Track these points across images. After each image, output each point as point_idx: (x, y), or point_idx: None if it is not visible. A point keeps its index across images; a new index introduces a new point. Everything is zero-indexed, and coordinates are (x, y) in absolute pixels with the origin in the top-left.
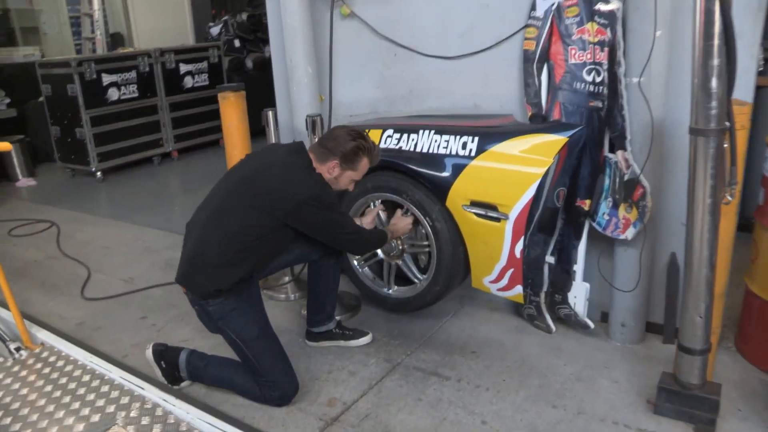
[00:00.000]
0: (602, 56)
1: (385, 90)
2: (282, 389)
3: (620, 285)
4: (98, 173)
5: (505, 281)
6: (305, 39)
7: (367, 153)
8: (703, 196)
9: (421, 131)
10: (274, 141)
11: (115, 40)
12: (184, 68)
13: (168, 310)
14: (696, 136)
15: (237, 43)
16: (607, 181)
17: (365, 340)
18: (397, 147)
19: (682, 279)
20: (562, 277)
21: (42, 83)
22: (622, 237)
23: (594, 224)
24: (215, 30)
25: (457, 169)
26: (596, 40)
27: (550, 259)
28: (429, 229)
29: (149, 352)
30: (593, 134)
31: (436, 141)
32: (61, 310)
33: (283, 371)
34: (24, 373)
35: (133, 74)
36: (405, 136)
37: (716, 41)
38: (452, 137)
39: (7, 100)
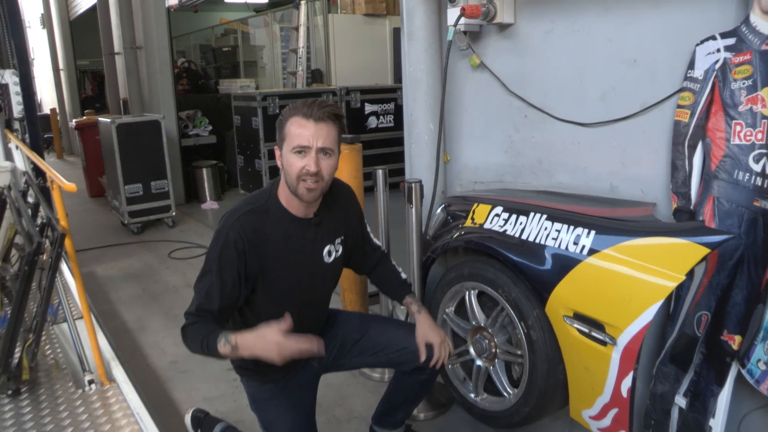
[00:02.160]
0: None
1: (512, 156)
2: None
3: None
4: None
5: (607, 421)
6: (429, 91)
7: (295, 111)
8: None
9: (531, 214)
10: (381, 205)
11: (315, 76)
12: (369, 108)
13: None
14: None
15: None
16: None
17: None
18: (502, 229)
19: None
20: (694, 431)
21: (234, 114)
22: None
23: (743, 372)
24: None
25: (564, 269)
26: None
27: (680, 401)
28: (523, 337)
29: (188, 418)
30: (756, 246)
31: (545, 228)
32: (166, 344)
33: None
34: (81, 409)
35: None
36: (513, 217)
37: None
38: (565, 227)
39: (210, 127)
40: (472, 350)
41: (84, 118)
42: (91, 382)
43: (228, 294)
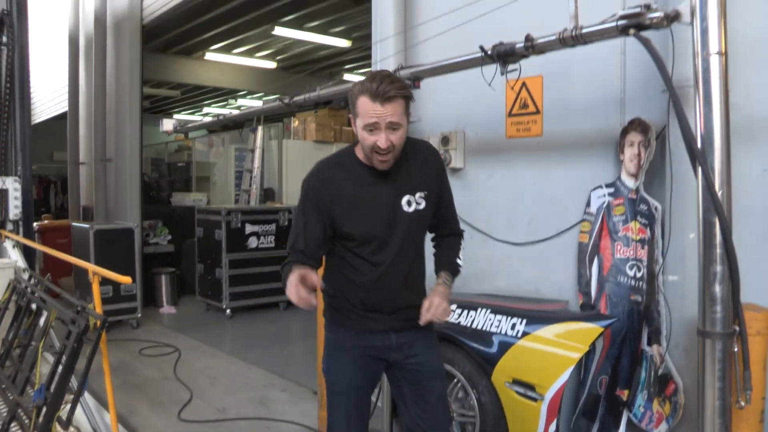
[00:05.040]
0: (643, 253)
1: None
2: None
3: None
4: (228, 310)
5: None
6: None
7: (364, 90)
8: (712, 398)
9: (479, 309)
10: None
11: (267, 194)
12: None
13: None
14: (703, 338)
15: None
16: (643, 374)
17: None
18: (456, 321)
19: None
20: None
21: (197, 226)
22: (655, 431)
23: (630, 415)
24: None
25: (504, 348)
26: (638, 237)
27: None
28: (475, 401)
29: None
30: (633, 326)
31: (489, 319)
32: (158, 426)
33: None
34: None
35: (272, 227)
36: (465, 312)
37: (718, 249)
38: (504, 317)
39: (169, 237)
40: None
41: (45, 222)
42: None
43: (312, 230)
